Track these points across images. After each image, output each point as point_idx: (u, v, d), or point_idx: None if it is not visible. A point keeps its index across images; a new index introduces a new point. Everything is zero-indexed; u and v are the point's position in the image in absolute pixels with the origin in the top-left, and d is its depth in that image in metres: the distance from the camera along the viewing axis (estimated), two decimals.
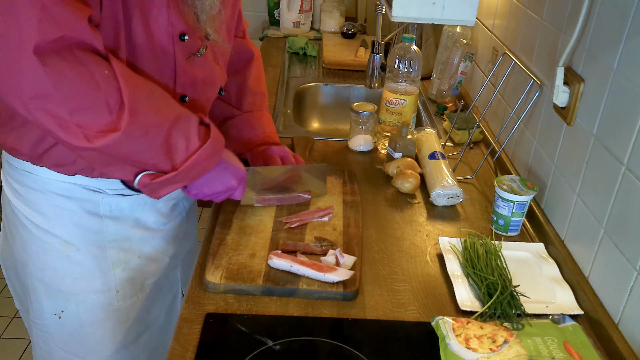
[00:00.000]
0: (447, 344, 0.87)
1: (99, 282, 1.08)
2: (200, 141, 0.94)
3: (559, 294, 1.02)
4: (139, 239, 1.11)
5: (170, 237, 1.18)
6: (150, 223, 1.13)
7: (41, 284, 1.08)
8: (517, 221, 1.19)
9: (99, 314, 1.10)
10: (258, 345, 0.88)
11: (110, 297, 1.10)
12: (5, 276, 1.18)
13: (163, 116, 0.89)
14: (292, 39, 2.34)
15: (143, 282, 1.15)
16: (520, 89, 1.37)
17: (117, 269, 1.09)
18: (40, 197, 1.02)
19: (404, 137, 1.43)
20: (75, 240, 1.05)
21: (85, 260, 1.06)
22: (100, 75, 0.81)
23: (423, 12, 1.12)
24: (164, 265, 1.19)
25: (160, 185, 0.94)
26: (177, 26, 0.94)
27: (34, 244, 1.05)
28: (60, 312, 1.09)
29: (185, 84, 1.01)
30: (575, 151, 1.10)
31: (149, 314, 1.19)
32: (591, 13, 1.06)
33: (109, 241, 1.07)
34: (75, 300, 1.08)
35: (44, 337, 1.13)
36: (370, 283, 1.04)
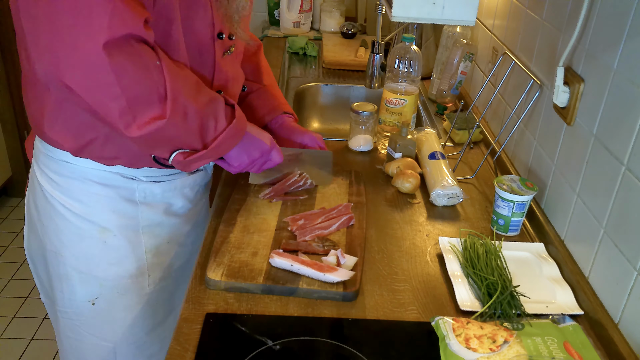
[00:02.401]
0: (447, 344, 0.87)
1: (133, 266, 1.13)
2: (227, 121, 1.02)
3: (559, 294, 1.02)
4: (168, 224, 1.17)
5: (193, 222, 1.25)
6: (178, 208, 1.18)
7: (76, 272, 1.11)
8: (517, 221, 1.19)
9: (132, 298, 1.15)
10: (258, 345, 0.88)
11: (142, 281, 1.15)
12: (31, 269, 1.21)
13: (199, 101, 0.96)
14: (292, 39, 2.34)
15: (171, 267, 1.21)
16: (520, 89, 1.37)
17: (149, 254, 1.15)
18: (78, 186, 1.07)
19: (404, 137, 1.43)
20: (113, 226, 1.09)
21: (121, 246, 1.11)
22: (153, 66, 0.89)
23: (423, 12, 1.13)
24: (188, 250, 1.25)
25: (193, 162, 1.01)
26: (217, 26, 1.04)
27: (70, 231, 1.09)
28: (94, 298, 1.13)
29: (220, 79, 1.10)
30: (575, 151, 1.10)
31: (173, 298, 1.24)
32: (591, 13, 1.06)
33: (143, 227, 1.13)
34: (109, 286, 1.12)
35: (74, 325, 1.16)
36: (370, 283, 1.04)
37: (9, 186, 3.09)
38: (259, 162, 1.15)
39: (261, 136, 1.12)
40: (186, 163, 1.00)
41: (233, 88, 1.17)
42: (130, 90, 0.86)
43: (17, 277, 2.57)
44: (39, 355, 2.20)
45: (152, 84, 0.88)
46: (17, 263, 2.65)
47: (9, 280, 2.55)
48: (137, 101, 0.87)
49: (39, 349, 2.22)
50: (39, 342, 2.25)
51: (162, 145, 0.97)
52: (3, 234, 2.85)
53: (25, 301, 2.44)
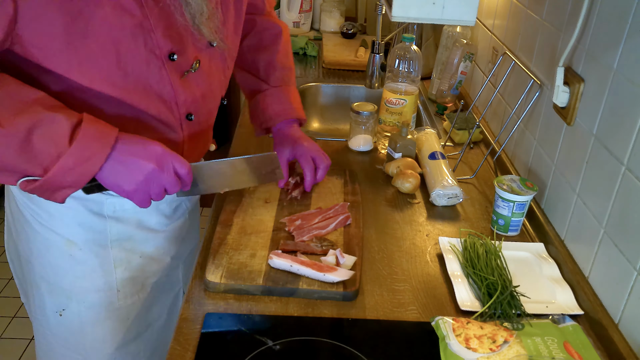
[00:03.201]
0: (447, 344, 0.87)
1: (101, 281, 1.09)
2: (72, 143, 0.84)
3: (559, 294, 1.02)
4: (141, 239, 1.12)
5: (172, 238, 1.19)
6: (152, 224, 1.13)
7: (44, 281, 1.08)
8: (517, 221, 1.19)
9: (100, 312, 1.11)
10: (258, 345, 0.88)
11: (111, 296, 1.10)
12: (11, 269, 1.19)
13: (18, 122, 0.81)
14: (292, 39, 2.34)
15: (144, 282, 1.15)
16: (520, 89, 1.37)
17: (118, 269, 1.10)
18: None
19: (404, 137, 1.43)
20: (79, 239, 1.05)
21: (87, 260, 1.07)
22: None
23: (423, 12, 1.12)
24: (166, 265, 1.20)
25: (44, 191, 0.87)
26: (164, 46, 0.93)
27: (37, 241, 1.06)
28: (62, 310, 1.09)
29: (186, 102, 1.01)
30: (575, 151, 1.10)
31: (149, 313, 1.20)
32: (591, 13, 1.06)
33: (112, 241, 1.08)
34: (76, 299, 1.09)
35: (45, 333, 1.14)
36: (370, 283, 1.04)
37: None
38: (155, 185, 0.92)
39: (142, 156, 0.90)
40: (39, 192, 0.87)
41: (206, 106, 1.07)
42: None
43: None
44: None
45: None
46: None
47: (9, 280, 2.55)
48: None
49: None
50: None
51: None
52: (3, 234, 2.85)
53: None
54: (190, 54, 0.98)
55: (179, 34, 0.95)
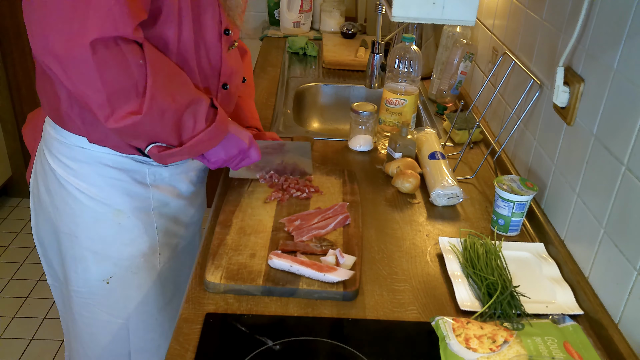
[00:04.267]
0: (447, 344, 0.87)
1: (146, 246, 1.18)
2: (207, 123, 1.05)
3: (559, 294, 1.02)
4: (175, 205, 1.22)
5: (196, 204, 1.30)
6: (183, 190, 1.23)
7: (90, 252, 1.15)
8: (517, 221, 1.19)
9: (144, 276, 1.20)
10: (258, 345, 0.88)
11: (154, 260, 1.20)
12: (40, 252, 1.25)
13: (178, 101, 0.99)
14: (292, 39, 2.34)
15: (177, 246, 1.26)
16: (520, 89, 1.37)
17: (160, 234, 1.20)
18: (94, 170, 1.11)
19: (404, 137, 1.43)
20: (127, 208, 1.14)
21: (134, 226, 1.16)
22: (136, 64, 0.92)
23: (423, 12, 1.12)
24: (191, 231, 1.31)
25: (167, 156, 1.04)
26: (223, 23, 1.09)
27: (85, 214, 1.13)
28: (109, 277, 1.17)
29: (226, 73, 1.15)
30: (575, 151, 1.10)
31: (179, 276, 1.29)
32: (591, 13, 1.06)
33: (154, 208, 1.18)
34: (123, 265, 1.17)
35: (88, 304, 1.20)
36: (370, 283, 1.04)
37: (9, 186, 3.09)
38: (237, 160, 1.18)
39: (241, 135, 1.15)
40: (161, 157, 1.04)
41: (236, 79, 1.22)
42: (110, 86, 0.90)
43: (17, 277, 2.57)
44: (39, 355, 2.20)
45: (132, 82, 0.93)
46: (17, 263, 2.65)
47: (9, 280, 2.55)
48: (116, 96, 0.92)
49: (39, 349, 2.22)
50: (39, 342, 2.25)
51: (138, 138, 1.02)
52: (3, 234, 2.85)
53: (25, 301, 2.44)
54: (234, 32, 1.14)
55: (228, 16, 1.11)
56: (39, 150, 1.18)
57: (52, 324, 2.33)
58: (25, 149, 2.93)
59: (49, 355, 2.19)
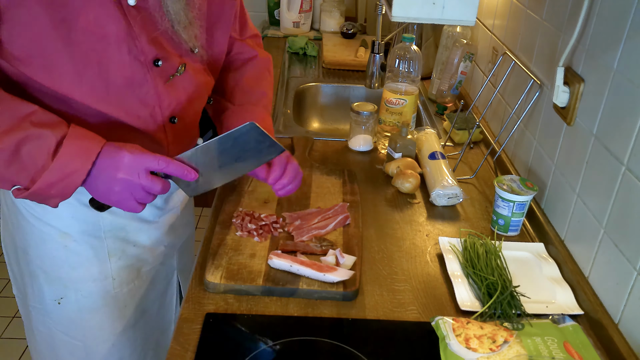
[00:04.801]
0: (447, 344, 0.87)
1: (96, 270, 1.12)
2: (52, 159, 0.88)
3: (559, 294, 1.02)
4: (134, 229, 1.14)
5: (165, 228, 1.21)
6: (145, 215, 1.15)
7: (41, 271, 1.11)
8: (517, 221, 1.19)
9: (96, 300, 1.14)
10: (258, 345, 0.88)
11: (107, 284, 1.13)
12: (6, 261, 1.22)
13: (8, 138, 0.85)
14: (292, 39, 2.34)
15: (139, 270, 1.18)
16: (520, 89, 1.37)
17: (113, 258, 1.13)
18: None
19: (404, 137, 1.43)
20: (73, 231, 1.08)
21: (82, 250, 1.09)
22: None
23: (423, 12, 1.12)
24: (160, 254, 1.22)
25: (35, 198, 0.91)
26: (148, 54, 0.95)
27: (33, 234, 1.09)
28: (60, 298, 1.13)
29: (170, 106, 1.02)
30: (575, 151, 1.10)
31: (146, 301, 1.23)
32: (591, 13, 1.06)
33: (105, 231, 1.10)
34: (73, 287, 1.12)
35: (45, 321, 1.17)
36: (370, 283, 1.04)
37: None
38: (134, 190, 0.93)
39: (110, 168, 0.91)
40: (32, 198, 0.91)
41: (192, 108, 1.08)
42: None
43: None
44: None
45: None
46: None
47: (9, 281, 2.54)
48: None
49: None
50: None
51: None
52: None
53: None
54: (174, 58, 1.00)
55: (162, 41, 0.97)
56: None
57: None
58: None
59: None
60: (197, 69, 1.07)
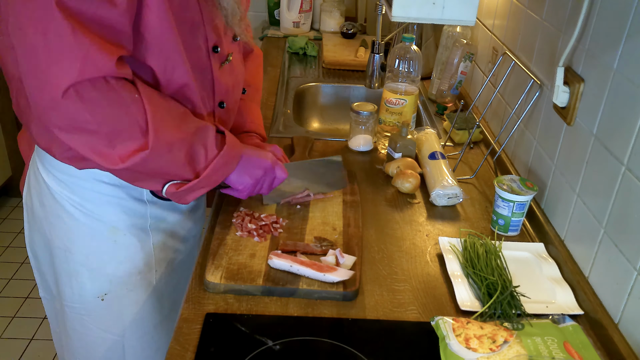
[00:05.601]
0: (447, 344, 0.87)
1: (142, 263, 1.15)
2: (217, 148, 1.02)
3: (559, 294, 1.02)
4: (173, 220, 1.19)
5: (194, 217, 1.27)
6: (182, 206, 1.20)
7: (85, 268, 1.12)
8: (517, 221, 1.19)
9: (140, 293, 1.17)
10: (258, 345, 0.88)
11: (150, 276, 1.17)
12: (33, 265, 1.23)
13: (184, 131, 0.96)
14: (292, 39, 2.34)
15: (174, 261, 1.23)
16: (520, 89, 1.37)
17: (156, 250, 1.17)
18: (88, 186, 1.07)
19: (404, 137, 1.43)
20: (123, 225, 1.11)
21: (131, 244, 1.13)
22: (131, 99, 0.89)
23: (423, 12, 1.12)
24: (190, 245, 1.28)
25: (187, 193, 1.01)
26: (210, 40, 1.03)
27: (80, 230, 1.10)
28: (104, 294, 1.14)
29: (221, 91, 1.10)
30: (575, 151, 1.10)
31: (177, 291, 1.27)
32: (591, 13, 1.06)
33: (151, 224, 1.15)
34: (118, 282, 1.14)
35: (82, 319, 1.18)
36: (370, 283, 1.04)
37: (9, 186, 3.09)
38: (266, 181, 1.13)
39: (261, 155, 1.11)
40: (180, 194, 1.01)
41: (234, 96, 1.17)
42: (106, 126, 0.87)
43: (17, 277, 2.57)
44: (39, 355, 2.20)
45: (131, 118, 0.89)
46: (17, 263, 2.65)
47: (9, 280, 2.55)
48: (115, 135, 0.89)
49: (39, 349, 2.22)
50: (39, 342, 2.25)
51: (150, 178, 0.99)
52: (3, 234, 2.85)
53: (25, 301, 2.44)
54: (225, 47, 1.09)
55: (219, 30, 1.05)
56: (32, 161, 1.13)
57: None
58: None
59: (49, 355, 2.19)
60: (238, 58, 1.18)
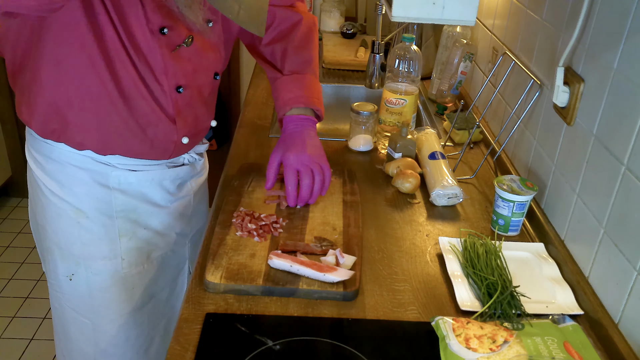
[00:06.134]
0: (447, 344, 0.87)
1: (107, 249, 1.15)
2: None
3: (559, 294, 1.02)
4: (145, 212, 1.18)
5: (177, 214, 1.24)
6: (157, 199, 1.19)
7: (56, 247, 1.16)
8: (517, 221, 1.19)
9: (105, 279, 1.17)
10: (258, 345, 0.88)
11: (116, 264, 1.17)
12: (34, 237, 1.26)
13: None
14: None
15: (149, 254, 1.22)
16: (520, 89, 1.37)
17: (123, 238, 1.16)
18: (56, 167, 1.10)
19: (404, 137, 1.43)
20: (86, 208, 1.12)
21: (94, 228, 1.13)
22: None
23: (423, 12, 1.12)
24: (171, 241, 1.26)
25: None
26: (154, 21, 1.00)
27: (50, 209, 1.13)
28: (71, 274, 1.16)
29: (176, 74, 1.07)
30: (575, 151, 1.10)
31: (155, 285, 1.26)
32: (591, 13, 1.06)
33: (117, 211, 1.14)
34: (84, 264, 1.15)
35: (58, 297, 1.21)
36: (370, 283, 1.04)
37: (9, 186, 3.09)
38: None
39: None
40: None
41: (198, 80, 1.12)
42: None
43: (17, 277, 2.57)
44: (39, 355, 2.20)
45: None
46: (17, 263, 2.65)
47: (9, 280, 2.55)
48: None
49: (39, 349, 2.22)
50: (39, 342, 2.25)
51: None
52: (3, 234, 2.85)
53: (25, 301, 2.44)
54: (182, 30, 1.04)
55: (168, 12, 1.00)
56: None
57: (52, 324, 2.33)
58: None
59: (49, 355, 2.19)
60: (206, 43, 1.12)
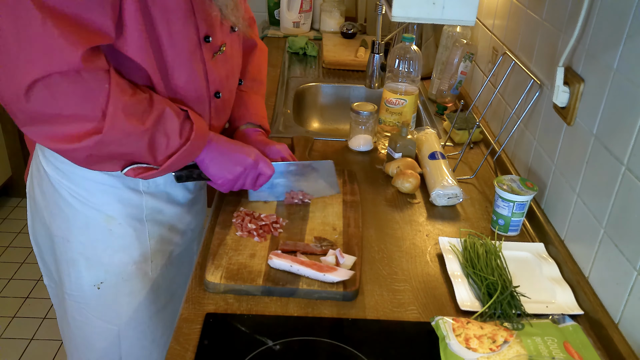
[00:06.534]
0: (447, 344, 0.87)
1: (138, 253, 1.16)
2: (182, 138, 1.02)
3: (559, 294, 1.02)
4: (169, 212, 1.21)
5: (193, 211, 1.29)
6: (179, 198, 1.22)
7: (82, 257, 1.14)
8: (517, 221, 1.19)
9: (136, 284, 1.18)
10: (258, 345, 0.88)
11: (146, 267, 1.19)
12: (36, 253, 1.25)
13: (147, 121, 0.96)
14: (292, 39, 2.34)
15: (170, 253, 1.25)
16: (520, 89, 1.37)
17: (152, 241, 1.18)
18: (85, 175, 1.09)
19: (404, 137, 1.43)
20: (118, 214, 1.12)
21: (126, 234, 1.14)
22: (99, 89, 0.90)
23: (423, 12, 1.12)
24: (187, 237, 1.30)
25: (146, 177, 1.03)
26: (202, 30, 1.04)
27: (76, 219, 1.12)
28: (100, 283, 1.16)
29: (215, 81, 1.11)
30: (575, 151, 1.10)
31: (174, 283, 1.29)
32: (591, 13, 1.06)
33: (147, 215, 1.16)
34: (114, 271, 1.16)
35: (80, 308, 1.19)
36: (370, 283, 1.04)
37: (9, 186, 3.09)
38: (248, 177, 1.14)
39: (243, 151, 1.12)
40: (137, 176, 1.03)
41: (229, 85, 1.18)
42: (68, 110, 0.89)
43: (17, 277, 2.57)
44: (39, 355, 2.20)
45: (93, 104, 0.90)
46: (17, 263, 2.65)
47: (9, 280, 2.55)
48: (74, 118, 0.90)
49: (39, 349, 2.22)
50: (39, 342, 2.25)
51: (107, 161, 0.99)
52: (3, 234, 2.85)
53: (25, 301, 2.44)
54: (218, 37, 1.10)
55: (211, 20, 1.06)
56: (35, 151, 1.15)
57: (52, 324, 2.33)
58: (25, 149, 2.94)
59: (49, 355, 2.19)
60: (234, 48, 1.18)
